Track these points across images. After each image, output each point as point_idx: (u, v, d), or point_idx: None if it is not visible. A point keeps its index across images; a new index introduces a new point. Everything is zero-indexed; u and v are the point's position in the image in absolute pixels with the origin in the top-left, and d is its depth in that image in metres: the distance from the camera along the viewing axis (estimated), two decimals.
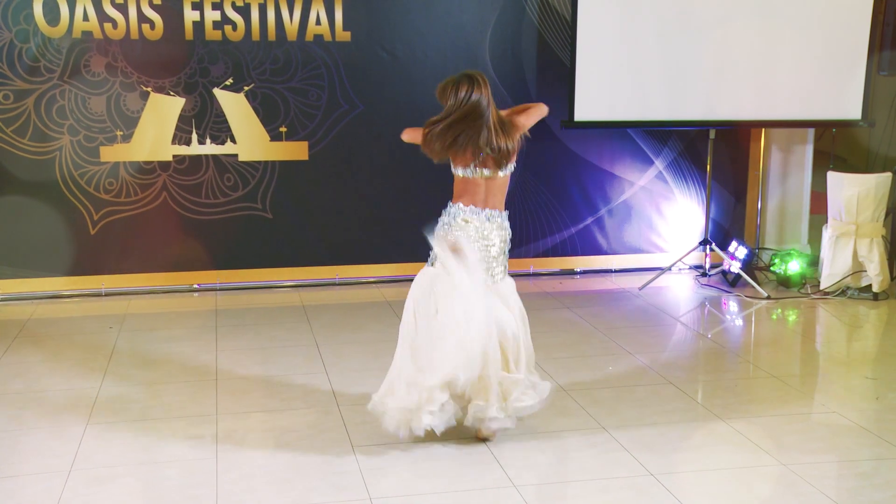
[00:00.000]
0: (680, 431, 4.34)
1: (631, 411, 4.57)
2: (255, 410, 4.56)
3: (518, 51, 7.04)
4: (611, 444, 4.17)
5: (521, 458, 4.04)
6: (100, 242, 6.68)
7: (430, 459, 4.03)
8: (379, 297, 6.79)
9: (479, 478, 3.86)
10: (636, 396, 4.77)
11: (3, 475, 3.86)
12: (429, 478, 3.86)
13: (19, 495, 3.70)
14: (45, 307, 6.49)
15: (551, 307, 6.53)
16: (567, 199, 7.36)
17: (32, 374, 5.11)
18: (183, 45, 6.52)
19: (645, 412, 4.56)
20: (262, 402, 4.71)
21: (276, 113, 6.75)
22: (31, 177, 6.46)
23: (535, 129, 7.12)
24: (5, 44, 6.27)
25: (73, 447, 4.12)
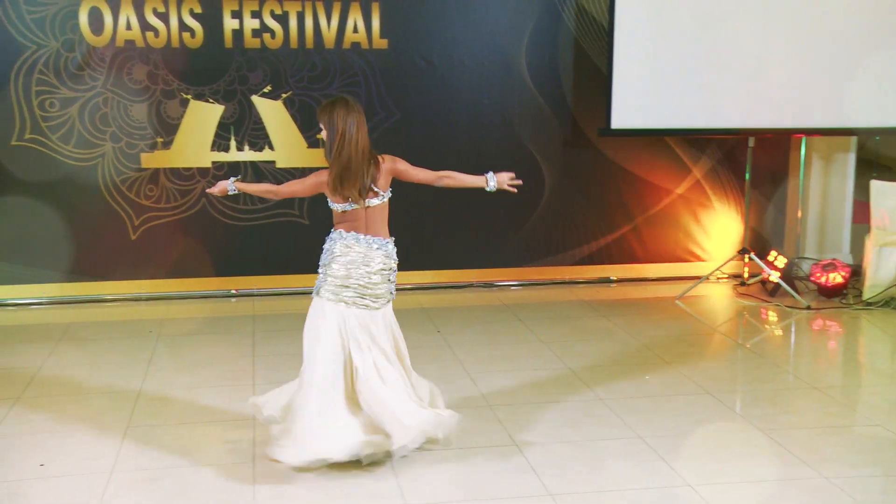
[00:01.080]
0: (718, 442, 4.28)
1: (668, 421, 4.52)
2: None
3: (554, 58, 7.02)
4: (648, 454, 4.12)
5: (557, 466, 4.01)
6: (140, 247, 6.76)
7: (465, 467, 4.02)
8: (414, 303, 6.79)
9: (515, 486, 3.84)
10: (673, 406, 4.72)
11: (47, 475, 3.92)
12: (465, 486, 3.85)
13: (63, 495, 3.74)
14: (87, 311, 6.58)
15: (587, 316, 6.48)
16: (603, 207, 7.32)
17: (75, 376, 5.17)
18: (222, 52, 6.59)
19: (682, 422, 4.51)
20: None
21: (314, 120, 6.73)
22: (75, 183, 6.57)
23: (571, 137, 7.16)
24: (52, 53, 6.38)
25: (115, 449, 4.17)
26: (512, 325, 6.21)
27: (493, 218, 7.18)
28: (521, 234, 7.24)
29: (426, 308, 6.65)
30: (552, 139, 7.13)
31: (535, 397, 4.84)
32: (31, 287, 6.64)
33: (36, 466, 4.00)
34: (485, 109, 7.00)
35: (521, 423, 4.47)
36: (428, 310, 6.60)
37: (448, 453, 4.13)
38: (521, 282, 7.32)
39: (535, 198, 7.20)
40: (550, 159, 7.16)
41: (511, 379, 5.13)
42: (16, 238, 6.57)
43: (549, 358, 5.51)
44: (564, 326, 6.18)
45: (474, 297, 7.06)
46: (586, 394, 4.89)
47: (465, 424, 4.42)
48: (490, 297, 7.04)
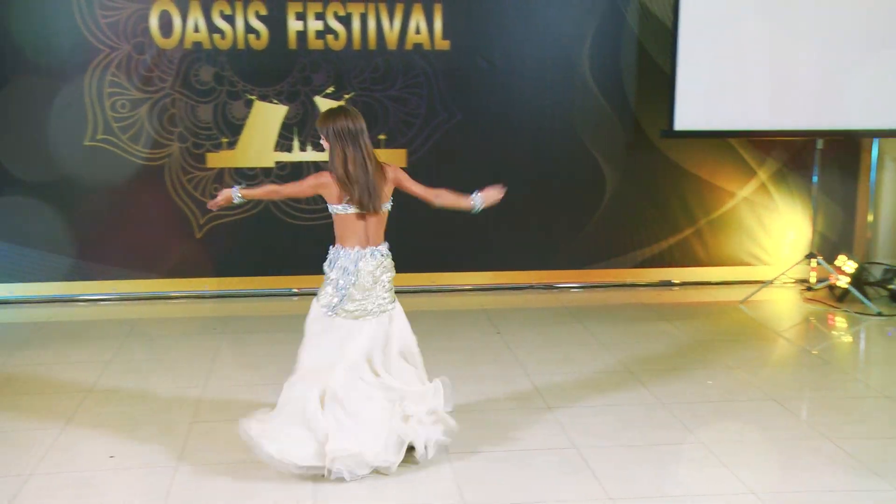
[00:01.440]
0: (783, 450, 4.19)
1: (731, 427, 4.45)
2: None
3: (617, 59, 6.96)
4: (710, 460, 4.06)
5: (617, 470, 3.98)
6: (205, 246, 6.88)
7: (525, 468, 4.00)
8: (474, 304, 6.79)
9: (575, 489, 3.81)
10: (736, 411, 4.64)
11: (116, 467, 4.01)
12: (524, 488, 3.83)
13: (131, 487, 3.82)
14: (154, 307, 6.72)
15: (649, 319, 6.41)
16: (665, 210, 7.23)
17: (141, 372, 5.28)
18: (286, 54, 6.67)
19: (746, 428, 4.43)
20: None
21: (376, 121, 6.83)
22: (143, 182, 6.71)
23: (633, 139, 7.09)
24: (123, 56, 6.53)
25: (180, 443, 4.24)
26: (572, 328, 6.17)
27: (553, 219, 7.15)
28: (582, 236, 7.20)
29: (486, 309, 6.64)
30: (614, 141, 7.07)
31: (596, 400, 4.80)
32: (101, 283, 6.80)
33: (106, 458, 4.09)
34: (546, 111, 6.97)
35: (581, 426, 4.44)
36: (488, 311, 6.59)
37: (507, 454, 4.13)
38: (581, 284, 7.26)
39: (597, 200, 7.15)
40: (612, 161, 7.10)
41: (571, 381, 5.09)
42: (86, 235, 6.74)
43: (609, 361, 5.47)
44: (625, 329, 6.11)
45: (534, 298, 7.02)
46: (647, 398, 4.83)
47: (524, 426, 4.45)
48: (550, 299, 7.01)
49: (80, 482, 3.85)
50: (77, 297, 6.80)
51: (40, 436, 4.31)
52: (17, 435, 4.35)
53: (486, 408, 4.70)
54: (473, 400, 4.79)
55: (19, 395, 4.89)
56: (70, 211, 6.68)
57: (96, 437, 4.32)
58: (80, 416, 4.57)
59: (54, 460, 4.06)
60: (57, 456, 4.11)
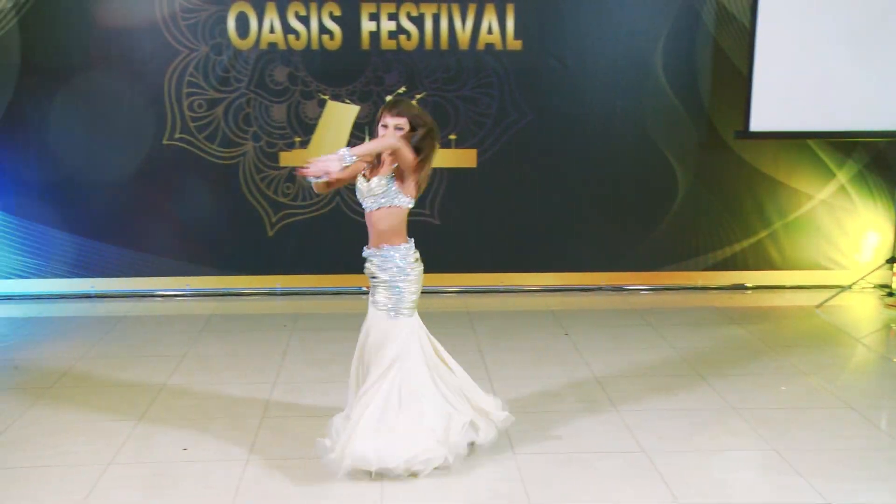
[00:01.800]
0: (862, 460, 4.08)
1: (805, 434, 4.35)
2: None
3: (692, 59, 6.84)
4: (783, 468, 3.98)
5: (686, 475, 3.92)
6: (277, 244, 6.98)
7: (590, 470, 3.98)
8: (542, 305, 6.76)
9: (641, 493, 3.78)
10: (811, 419, 4.54)
11: (189, 459, 4.10)
12: (590, 490, 3.81)
13: (204, 479, 3.91)
14: (227, 304, 6.83)
15: (720, 323, 6.30)
16: (739, 212, 7.09)
17: (214, 367, 5.38)
18: (359, 54, 6.72)
19: (821, 437, 4.33)
20: None
21: (447, 120, 6.84)
22: (218, 180, 6.84)
23: (706, 140, 6.97)
24: (201, 57, 6.66)
25: (251, 438, 4.31)
26: (641, 330, 6.10)
27: (624, 220, 7.08)
28: (653, 237, 7.10)
29: (554, 310, 6.60)
30: (687, 141, 6.96)
31: (665, 404, 4.75)
32: (176, 279, 6.96)
33: (179, 450, 4.18)
34: (618, 111, 6.89)
35: (649, 430, 4.40)
36: (555, 312, 6.55)
37: (573, 456, 4.11)
38: (651, 286, 7.18)
39: (668, 201, 7.05)
40: (684, 162, 7.00)
41: (640, 384, 5.04)
42: (162, 232, 6.90)
43: (678, 364, 5.39)
44: (696, 333, 6.02)
45: (603, 300, 6.96)
46: (718, 403, 4.76)
47: (591, 428, 4.42)
48: (619, 300, 6.93)
49: (154, 473, 3.96)
50: (153, 292, 6.96)
51: (117, 427, 4.43)
52: (95, 426, 4.47)
53: (552, 409, 4.68)
54: (540, 401, 4.78)
55: (98, 387, 5.02)
56: (147, 208, 6.85)
57: (170, 430, 4.42)
58: (154, 410, 4.68)
59: (130, 452, 4.17)
60: (133, 447, 4.22)
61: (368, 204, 4.01)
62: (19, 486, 3.83)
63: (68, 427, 4.43)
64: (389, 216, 3.98)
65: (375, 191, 3.96)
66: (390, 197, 3.96)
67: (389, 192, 3.95)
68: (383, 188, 3.95)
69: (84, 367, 5.35)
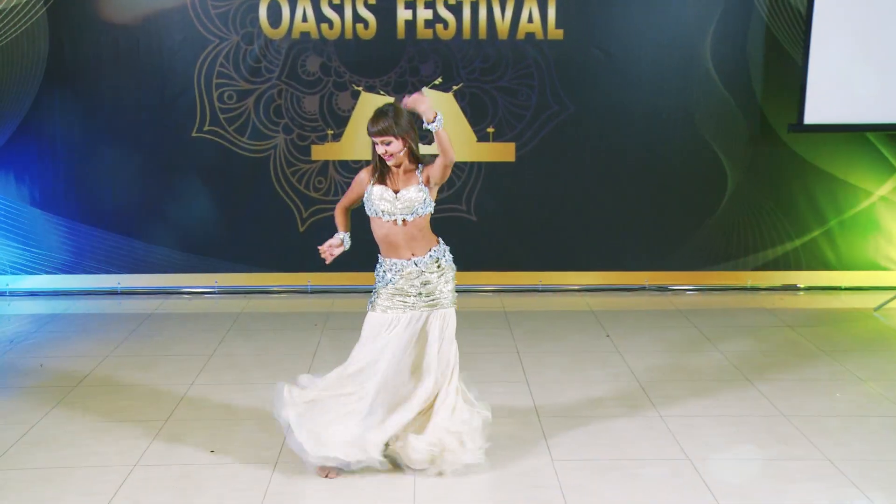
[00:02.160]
0: None
1: (862, 444, 4.20)
2: None
3: (743, 48, 6.60)
4: (838, 479, 3.84)
5: (734, 485, 3.79)
6: (307, 240, 6.83)
7: (631, 478, 3.86)
8: (583, 305, 6.58)
9: (686, 501, 3.66)
10: (869, 428, 4.39)
11: (216, 462, 4.00)
12: (632, 498, 3.70)
13: (231, 482, 3.83)
14: (256, 301, 6.73)
15: (771, 325, 6.10)
16: (792, 209, 6.86)
17: (242, 366, 5.29)
18: (395, 44, 6.57)
19: (880, 447, 4.17)
20: None
21: (484, 113, 6.66)
22: (248, 174, 6.73)
23: (758, 133, 6.73)
24: (232, 47, 6.54)
25: (280, 440, 4.17)
26: (686, 332, 5.95)
27: (669, 217, 6.88)
28: (699, 235, 6.89)
29: (594, 310, 6.45)
30: (737, 135, 6.76)
31: (711, 410, 4.62)
32: (203, 276, 6.86)
33: (206, 452, 4.10)
34: (664, 103, 6.70)
35: (695, 437, 4.28)
36: (596, 312, 6.40)
37: (614, 463, 4.00)
38: (697, 286, 6.99)
39: (716, 197, 6.84)
40: (734, 157, 6.78)
41: (684, 389, 4.91)
42: (190, 227, 6.80)
43: (726, 368, 5.25)
44: (744, 336, 5.87)
45: (646, 300, 6.80)
46: (768, 409, 4.63)
47: (633, 434, 4.33)
48: (663, 301, 6.76)
49: (180, 476, 3.88)
50: (180, 289, 6.88)
51: (143, 428, 4.35)
52: (121, 427, 4.39)
53: (593, 413, 4.57)
54: (580, 405, 4.68)
55: (123, 387, 4.94)
56: (175, 203, 6.76)
57: (197, 431, 4.33)
58: (181, 410, 4.60)
59: (157, 453, 4.10)
60: (159, 449, 4.14)
61: (403, 215, 3.82)
62: (43, 487, 3.78)
63: (93, 427, 4.38)
64: (422, 222, 3.88)
65: (415, 200, 3.82)
66: (426, 205, 3.85)
67: (427, 199, 3.84)
68: (423, 196, 3.82)
69: (110, 365, 5.28)
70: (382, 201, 3.82)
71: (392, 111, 3.76)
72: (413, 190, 3.80)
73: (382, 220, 3.83)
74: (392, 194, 3.81)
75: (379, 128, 3.74)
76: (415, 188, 3.80)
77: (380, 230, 3.87)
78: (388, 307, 3.89)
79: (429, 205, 3.84)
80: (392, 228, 3.83)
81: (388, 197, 3.81)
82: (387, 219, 3.82)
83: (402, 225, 3.82)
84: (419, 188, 3.80)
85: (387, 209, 3.81)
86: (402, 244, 3.85)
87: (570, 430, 4.31)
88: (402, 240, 3.85)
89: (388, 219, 3.82)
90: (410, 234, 3.84)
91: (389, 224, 3.82)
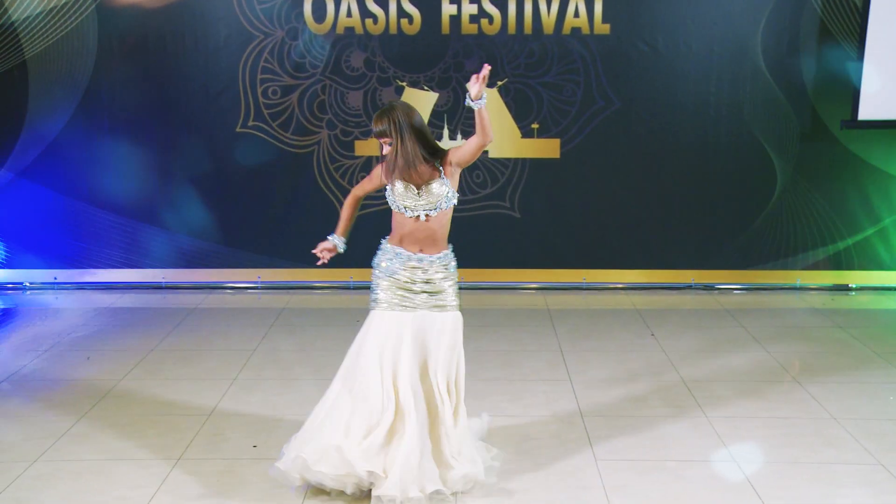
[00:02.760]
0: None
1: None
2: (495, 415, 4.41)
3: (795, 42, 6.45)
4: (890, 485, 3.75)
5: (781, 488, 3.72)
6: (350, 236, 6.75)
7: (676, 480, 3.80)
8: (627, 303, 6.49)
9: None
10: None
11: (258, 457, 4.00)
12: (676, 500, 3.64)
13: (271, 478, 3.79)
14: (299, 297, 6.74)
15: (821, 326, 5.98)
16: (844, 207, 6.71)
17: (285, 361, 5.29)
18: (439, 39, 6.53)
19: None
20: (501, 406, 4.57)
21: (529, 109, 6.60)
22: (292, 170, 6.74)
23: (809, 129, 6.58)
24: (276, 42, 6.55)
25: None
26: (733, 332, 5.85)
27: (716, 215, 6.77)
28: (748, 233, 6.77)
29: (639, 309, 6.36)
30: (787, 131, 6.62)
31: (758, 412, 4.54)
32: (246, 271, 6.89)
33: (248, 447, 4.10)
34: (712, 99, 6.58)
35: (742, 438, 4.21)
36: (641, 311, 6.31)
37: (658, 464, 3.93)
38: (744, 285, 6.88)
39: (765, 195, 6.70)
40: (784, 153, 6.63)
41: (731, 390, 4.83)
42: (233, 222, 6.83)
43: (774, 369, 5.16)
44: (793, 336, 5.76)
45: (691, 299, 6.69)
46: (817, 411, 4.53)
47: (678, 434, 4.26)
48: (709, 300, 6.65)
49: (224, 470, 3.88)
50: (223, 284, 6.91)
51: (187, 422, 4.38)
52: (165, 420, 4.41)
53: (637, 413, 4.51)
54: (624, 404, 4.62)
55: (168, 380, 4.98)
56: (219, 198, 6.79)
57: (240, 426, 4.34)
58: (224, 404, 4.61)
59: (200, 446, 4.11)
60: (202, 443, 4.16)
61: (426, 210, 3.76)
62: (89, 478, 3.81)
63: (138, 420, 4.41)
64: (445, 217, 3.83)
65: (438, 195, 3.75)
66: (449, 198, 3.79)
67: (450, 193, 3.78)
68: (446, 190, 3.76)
69: (154, 359, 5.32)
70: (405, 197, 3.76)
71: (392, 111, 3.70)
72: (435, 185, 3.74)
73: (405, 216, 3.78)
74: (414, 189, 3.75)
75: (379, 129, 3.71)
76: (437, 183, 3.75)
77: (402, 226, 3.80)
78: (393, 303, 3.79)
79: (452, 198, 3.78)
80: (414, 224, 3.77)
81: (410, 192, 3.75)
82: (409, 214, 3.76)
83: (425, 220, 3.77)
84: (441, 182, 3.74)
85: (409, 205, 3.76)
86: (421, 239, 3.79)
87: (614, 429, 4.25)
88: (422, 235, 3.79)
89: (411, 214, 3.76)
90: (432, 229, 3.78)
91: (412, 220, 3.77)
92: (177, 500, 3.63)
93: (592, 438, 4.16)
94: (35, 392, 4.77)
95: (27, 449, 4.05)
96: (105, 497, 3.64)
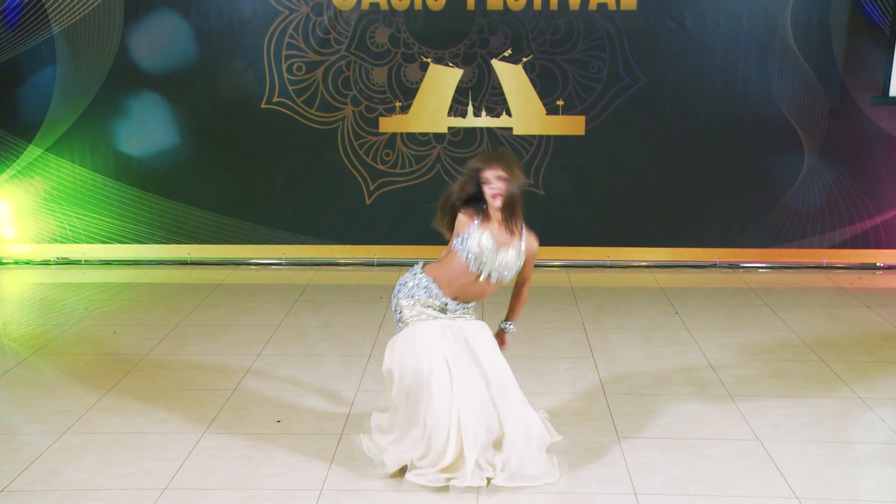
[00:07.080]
0: None
1: None
2: None
3: (825, 17, 6.36)
4: None
5: (806, 468, 3.68)
6: (374, 213, 6.84)
7: (701, 458, 3.77)
8: (651, 282, 6.45)
9: (755, 484, 3.58)
10: None
11: (282, 432, 4.02)
12: (700, 478, 3.60)
13: (296, 451, 3.83)
14: (323, 273, 6.76)
15: (848, 305, 5.91)
16: (873, 185, 6.62)
17: (309, 338, 5.30)
18: (464, 15, 6.48)
19: None
20: (525, 383, 4.52)
21: (554, 85, 6.55)
22: (316, 146, 6.74)
23: (838, 106, 6.49)
24: (301, 18, 6.53)
25: (345, 411, 4.21)
26: (758, 311, 5.80)
27: (742, 193, 6.71)
28: (774, 211, 6.70)
29: (664, 287, 6.33)
30: (816, 108, 6.53)
31: (783, 391, 4.49)
32: (270, 248, 6.92)
33: (273, 422, 4.11)
34: (740, 75, 6.50)
35: (766, 418, 4.17)
36: (665, 289, 6.27)
37: (682, 442, 3.91)
38: (770, 264, 6.83)
39: (792, 173, 6.62)
40: (812, 131, 6.54)
41: (756, 369, 4.79)
42: (258, 198, 6.85)
43: (800, 349, 5.10)
44: (819, 315, 5.70)
45: (717, 278, 6.64)
46: (844, 391, 4.47)
47: (702, 414, 4.22)
48: (735, 279, 6.60)
49: (248, 445, 3.90)
50: (248, 260, 6.95)
51: (212, 397, 4.40)
52: (190, 395, 4.44)
53: (661, 392, 4.48)
54: (647, 383, 4.58)
55: (194, 355, 5.00)
56: (243, 174, 6.81)
57: (264, 401, 4.36)
58: (249, 379, 4.63)
59: (225, 421, 4.13)
60: (227, 417, 4.17)
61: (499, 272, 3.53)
62: (117, 451, 3.84)
63: (163, 394, 4.43)
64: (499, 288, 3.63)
65: (510, 265, 3.53)
66: (512, 271, 3.57)
67: (516, 268, 3.58)
68: (518, 264, 3.56)
69: (179, 334, 5.35)
70: (484, 252, 3.48)
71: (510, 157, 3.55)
72: (513, 253, 3.52)
73: (469, 269, 3.50)
74: (493, 245, 3.49)
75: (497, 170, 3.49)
76: (514, 252, 3.51)
77: (460, 276, 3.52)
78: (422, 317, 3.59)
79: (516, 272, 3.59)
80: (476, 282, 3.52)
81: (488, 246, 3.48)
82: (474, 268, 3.50)
83: (486, 282, 3.54)
84: (518, 254, 3.52)
85: (485, 261, 3.48)
86: (468, 294, 3.57)
87: (638, 407, 4.23)
88: (474, 292, 3.56)
89: (478, 271, 3.50)
90: (486, 292, 3.57)
91: (474, 274, 3.51)
92: (203, 473, 3.65)
93: (615, 416, 4.14)
94: (63, 366, 4.81)
95: (55, 421, 4.09)
96: (132, 469, 3.67)
